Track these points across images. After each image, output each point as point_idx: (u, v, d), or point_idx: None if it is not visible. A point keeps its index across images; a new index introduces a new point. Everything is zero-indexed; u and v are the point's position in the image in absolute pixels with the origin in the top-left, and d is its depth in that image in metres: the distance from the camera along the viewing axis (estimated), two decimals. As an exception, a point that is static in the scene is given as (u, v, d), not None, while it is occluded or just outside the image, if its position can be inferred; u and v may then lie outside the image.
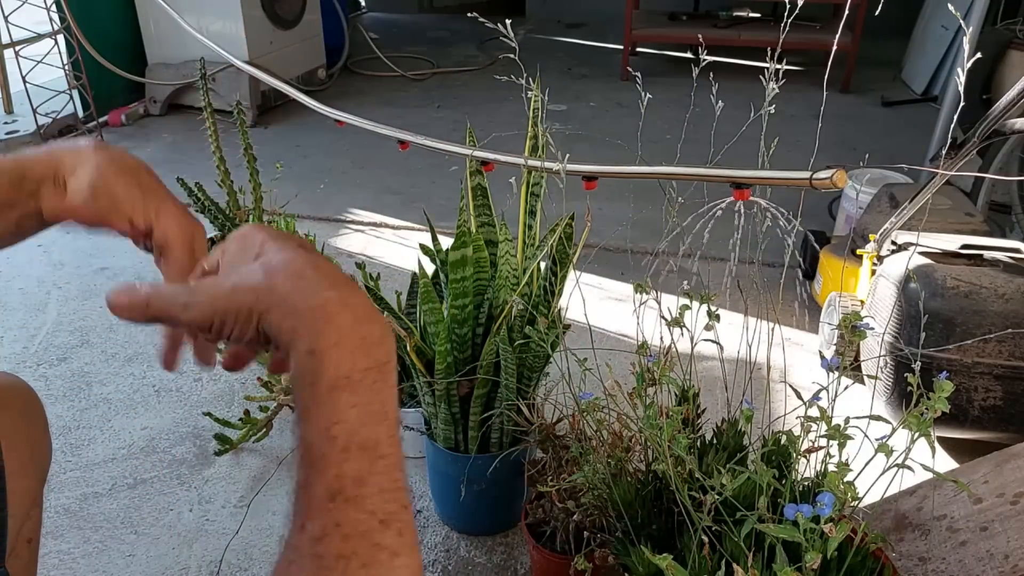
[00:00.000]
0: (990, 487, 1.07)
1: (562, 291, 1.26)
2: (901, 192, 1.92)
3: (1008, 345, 1.41)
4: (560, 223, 1.22)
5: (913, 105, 3.94)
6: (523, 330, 1.24)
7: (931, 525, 1.06)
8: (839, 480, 0.80)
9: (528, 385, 1.29)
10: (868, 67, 4.34)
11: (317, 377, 0.41)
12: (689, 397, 1.04)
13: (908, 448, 0.79)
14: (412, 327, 1.32)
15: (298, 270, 0.44)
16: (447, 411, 1.30)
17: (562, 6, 5.92)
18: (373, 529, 0.42)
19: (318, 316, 0.42)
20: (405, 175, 3.08)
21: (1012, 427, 1.46)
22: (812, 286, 2.13)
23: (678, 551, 0.87)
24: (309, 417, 0.42)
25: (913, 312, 1.47)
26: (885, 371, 1.53)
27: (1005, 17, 3.17)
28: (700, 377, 1.12)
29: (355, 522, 0.41)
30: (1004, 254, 1.54)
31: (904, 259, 1.58)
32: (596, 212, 1.31)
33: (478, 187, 1.26)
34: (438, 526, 1.47)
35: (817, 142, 0.87)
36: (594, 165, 0.81)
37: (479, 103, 3.98)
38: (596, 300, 2.18)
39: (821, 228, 2.31)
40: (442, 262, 1.35)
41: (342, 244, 2.59)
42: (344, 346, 0.42)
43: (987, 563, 0.98)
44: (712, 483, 0.81)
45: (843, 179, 0.65)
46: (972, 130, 1.36)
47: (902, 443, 0.80)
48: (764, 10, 4.59)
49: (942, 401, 0.77)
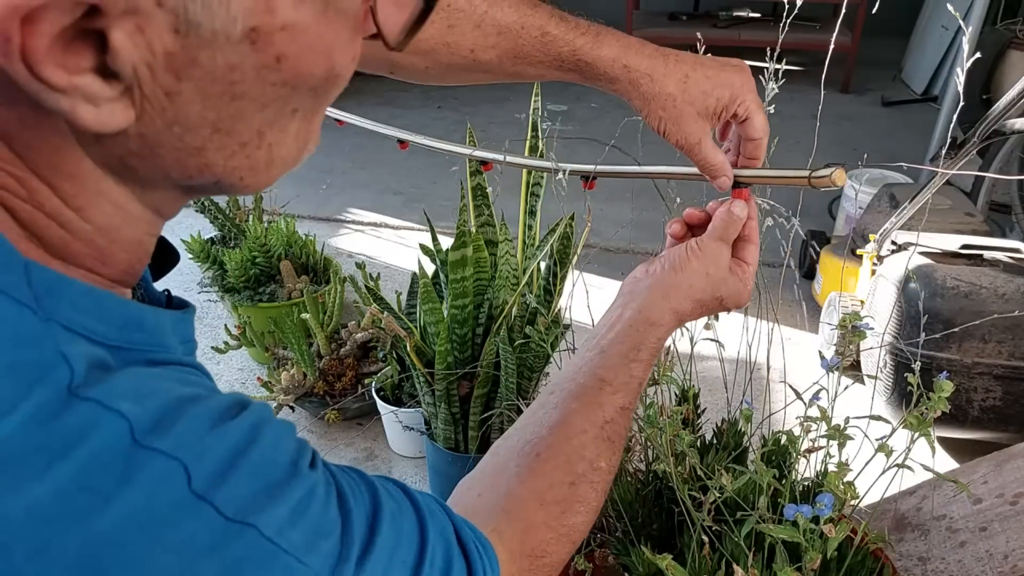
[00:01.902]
0: (990, 487, 1.07)
1: (562, 291, 1.26)
2: (901, 192, 1.92)
3: (1008, 345, 1.41)
4: (560, 223, 1.22)
5: (913, 105, 3.94)
6: (523, 330, 1.24)
7: (931, 525, 1.06)
8: (839, 480, 0.80)
9: (528, 385, 1.29)
10: (868, 67, 4.34)
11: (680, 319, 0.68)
12: (689, 397, 1.04)
13: (908, 448, 0.79)
14: (412, 327, 1.32)
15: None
16: (447, 411, 1.30)
17: (562, 6, 5.91)
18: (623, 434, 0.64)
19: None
20: (405, 175, 3.08)
21: (1012, 427, 1.46)
22: (812, 286, 2.13)
23: (678, 551, 0.87)
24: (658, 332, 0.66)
25: (913, 312, 1.47)
26: (885, 371, 1.53)
27: (1005, 17, 3.17)
28: (700, 377, 1.12)
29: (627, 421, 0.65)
30: (1004, 254, 1.54)
31: (904, 259, 1.58)
32: (596, 212, 1.31)
33: (478, 187, 1.26)
34: (438, 526, 1.47)
35: (816, 142, 0.87)
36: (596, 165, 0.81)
37: (479, 103, 3.98)
38: (596, 300, 2.18)
39: (821, 228, 2.31)
40: (442, 262, 1.35)
41: (342, 244, 2.59)
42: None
43: (987, 563, 0.98)
44: (712, 483, 0.81)
45: (842, 177, 0.65)
46: (972, 130, 1.36)
47: (902, 443, 0.80)
48: (764, 10, 4.59)
49: (942, 401, 0.77)
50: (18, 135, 0.32)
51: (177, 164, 0.35)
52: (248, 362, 1.95)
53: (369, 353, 1.74)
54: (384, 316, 1.30)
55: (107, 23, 0.29)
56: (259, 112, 0.34)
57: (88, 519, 0.29)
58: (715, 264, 0.68)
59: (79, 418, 0.30)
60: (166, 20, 0.29)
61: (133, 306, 0.37)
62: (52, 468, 0.29)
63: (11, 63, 0.28)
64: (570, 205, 1.23)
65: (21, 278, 0.31)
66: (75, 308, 0.32)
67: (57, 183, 0.33)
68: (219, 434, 0.34)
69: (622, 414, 0.62)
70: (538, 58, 0.66)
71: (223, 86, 0.32)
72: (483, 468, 0.61)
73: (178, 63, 0.31)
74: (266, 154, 0.37)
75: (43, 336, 0.30)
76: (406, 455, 1.64)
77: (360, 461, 1.64)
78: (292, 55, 0.33)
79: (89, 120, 0.30)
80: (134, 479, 0.30)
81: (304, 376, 1.65)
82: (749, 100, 0.66)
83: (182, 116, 0.32)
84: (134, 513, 0.30)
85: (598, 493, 0.59)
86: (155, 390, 0.33)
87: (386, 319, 1.29)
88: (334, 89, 0.37)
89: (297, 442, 0.38)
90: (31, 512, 0.28)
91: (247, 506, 0.33)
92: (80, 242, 0.35)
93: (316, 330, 1.69)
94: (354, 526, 0.39)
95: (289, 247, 1.97)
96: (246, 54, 0.32)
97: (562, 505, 0.57)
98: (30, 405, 0.29)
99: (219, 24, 0.30)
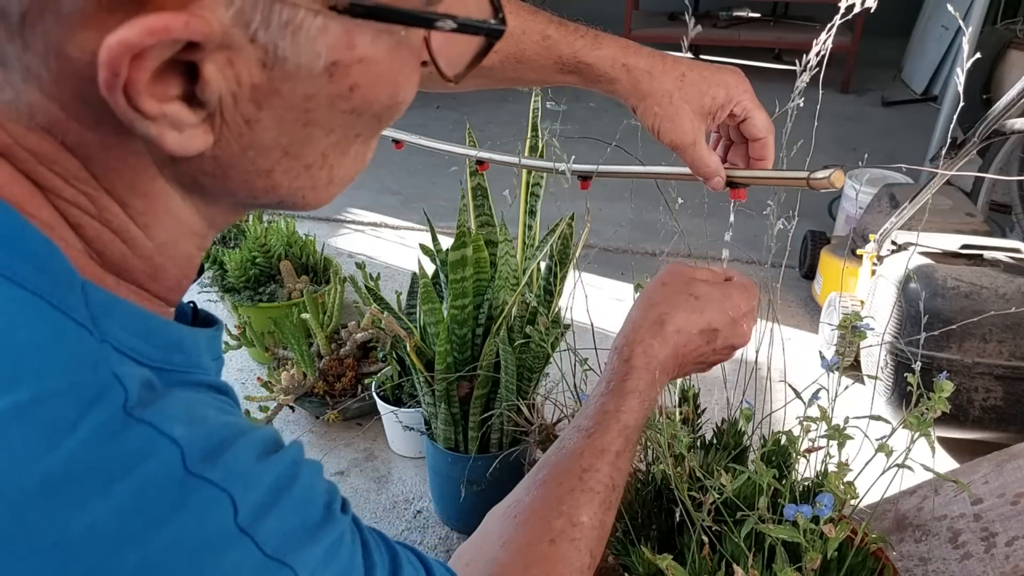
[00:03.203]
0: (990, 487, 1.07)
1: (562, 291, 1.26)
2: (901, 192, 1.92)
3: (1008, 345, 1.41)
4: (560, 223, 1.22)
5: (913, 105, 3.94)
6: (523, 330, 1.24)
7: (931, 525, 1.06)
8: (839, 480, 0.80)
9: (528, 385, 1.29)
10: (868, 67, 4.34)
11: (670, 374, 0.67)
12: (689, 397, 1.04)
13: (908, 448, 0.79)
14: (412, 327, 1.32)
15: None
16: (447, 411, 1.30)
17: (561, 6, 5.92)
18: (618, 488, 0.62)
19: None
20: (405, 175, 3.08)
21: (1012, 427, 1.46)
22: (812, 286, 2.13)
23: (678, 551, 0.87)
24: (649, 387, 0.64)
25: (913, 312, 1.47)
26: (885, 371, 1.53)
27: (1005, 17, 3.17)
28: (700, 377, 1.12)
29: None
30: (1004, 254, 1.54)
31: (904, 259, 1.58)
32: (596, 212, 1.31)
33: (478, 187, 1.26)
34: (438, 526, 1.47)
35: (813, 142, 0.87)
36: (592, 165, 0.81)
37: (478, 103, 3.98)
38: (596, 300, 2.18)
39: (821, 228, 2.30)
40: (442, 262, 1.35)
41: (342, 244, 2.59)
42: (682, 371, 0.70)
43: (987, 563, 0.98)
44: (712, 483, 0.81)
45: (841, 179, 0.65)
46: (972, 130, 1.36)
47: (902, 443, 0.80)
48: (764, 10, 4.59)
49: (942, 401, 0.77)
50: (97, 156, 0.33)
51: (245, 185, 0.36)
52: (248, 362, 1.95)
53: (369, 353, 1.74)
54: (384, 316, 1.30)
55: (201, 56, 0.30)
56: (325, 136, 0.36)
57: (143, 541, 0.30)
58: (668, 273, 0.69)
59: (136, 440, 0.30)
60: (256, 55, 0.31)
61: (175, 327, 0.38)
62: (112, 488, 0.29)
63: (113, 96, 0.29)
64: (570, 205, 1.23)
65: (80, 299, 0.32)
66: (124, 329, 0.33)
67: (130, 201, 0.35)
68: (264, 468, 0.35)
69: (601, 458, 0.59)
70: (539, 62, 0.67)
71: (298, 114, 0.34)
72: (473, 536, 0.60)
73: (261, 94, 0.33)
74: (327, 175, 0.38)
75: (99, 357, 0.31)
76: (406, 455, 1.64)
77: (360, 461, 1.64)
78: (364, 85, 0.35)
79: (172, 144, 0.32)
80: (187, 505, 0.31)
81: (304, 376, 1.65)
82: (745, 100, 0.67)
83: (257, 141, 0.34)
84: (184, 540, 0.31)
85: (582, 552, 0.55)
86: (203, 417, 0.34)
87: (386, 319, 1.29)
88: (396, 115, 0.39)
89: (328, 483, 0.39)
90: (91, 531, 0.29)
91: (286, 544, 0.34)
92: (139, 259, 0.37)
93: (316, 330, 1.69)
94: (378, 574, 0.39)
95: (289, 247, 1.97)
96: (323, 85, 0.34)
97: (545, 566, 0.54)
98: (90, 424, 0.29)
99: (304, 59, 0.32)
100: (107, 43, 0.28)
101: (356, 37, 0.33)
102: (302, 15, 0.31)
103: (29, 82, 0.30)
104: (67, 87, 0.30)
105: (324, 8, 0.31)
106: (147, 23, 0.28)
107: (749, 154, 0.71)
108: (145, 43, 0.28)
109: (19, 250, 0.31)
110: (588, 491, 0.57)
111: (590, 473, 0.58)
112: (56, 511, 0.28)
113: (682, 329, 0.65)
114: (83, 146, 0.32)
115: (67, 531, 0.28)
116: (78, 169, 0.33)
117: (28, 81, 0.30)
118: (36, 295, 0.31)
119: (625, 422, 0.61)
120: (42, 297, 0.31)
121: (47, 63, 0.30)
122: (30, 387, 0.29)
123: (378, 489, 1.57)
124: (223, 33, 0.30)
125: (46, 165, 0.33)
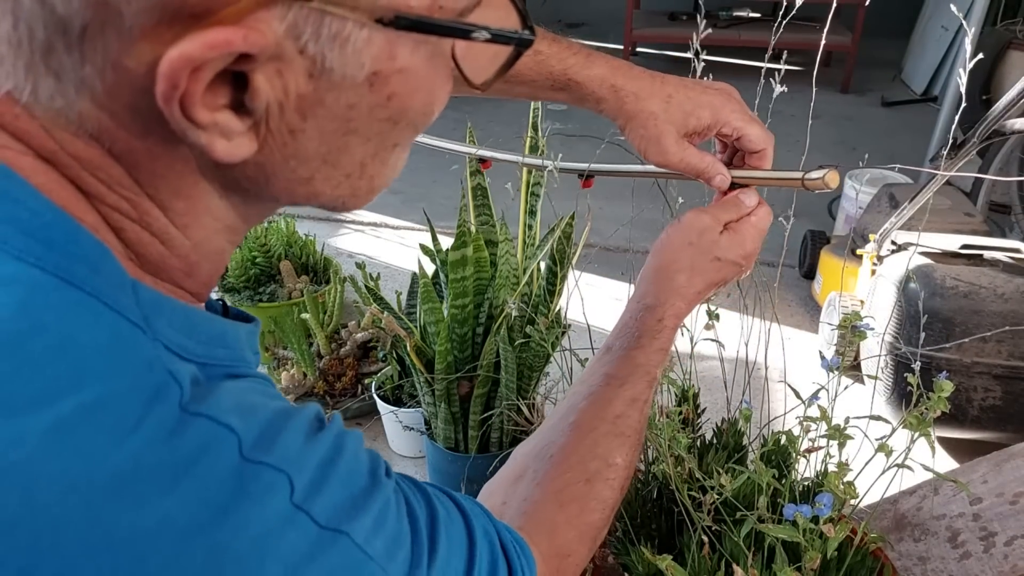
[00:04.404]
0: (990, 487, 1.07)
1: (562, 291, 1.26)
2: (901, 192, 1.92)
3: (1007, 345, 1.41)
4: (560, 223, 1.22)
5: (913, 105, 3.94)
6: (523, 330, 1.24)
7: (931, 525, 1.06)
8: (839, 480, 0.80)
9: (528, 384, 1.29)
10: (868, 67, 4.34)
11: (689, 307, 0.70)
12: (689, 397, 1.04)
13: (908, 448, 0.79)
14: (412, 327, 1.32)
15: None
16: (447, 411, 1.30)
17: (562, 5, 5.92)
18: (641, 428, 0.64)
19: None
20: (405, 174, 3.04)
21: (1011, 427, 1.46)
22: (812, 286, 2.13)
23: (678, 551, 0.87)
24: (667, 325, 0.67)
25: (913, 312, 1.47)
26: (885, 371, 1.53)
27: (1005, 17, 3.17)
28: (700, 377, 1.12)
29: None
30: (1004, 254, 1.54)
31: (904, 259, 1.58)
32: (596, 212, 1.31)
33: (478, 187, 1.26)
34: (438, 526, 1.47)
35: (808, 141, 0.88)
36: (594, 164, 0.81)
37: (479, 102, 3.98)
38: (596, 300, 2.18)
39: (821, 228, 2.31)
40: (442, 262, 1.35)
41: (342, 244, 2.59)
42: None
43: (986, 562, 0.98)
44: (712, 483, 0.81)
45: (835, 179, 0.65)
46: (972, 130, 1.36)
47: (902, 443, 0.80)
48: (764, 10, 4.59)
49: (942, 401, 0.77)
50: (143, 163, 0.34)
51: (286, 191, 0.38)
52: (248, 362, 1.95)
53: (369, 353, 1.74)
54: (384, 316, 1.30)
55: (253, 67, 0.31)
56: (363, 145, 0.37)
57: (211, 531, 0.31)
58: (695, 231, 0.69)
59: (197, 434, 0.32)
60: (304, 66, 0.32)
61: (218, 322, 0.39)
62: (179, 482, 0.31)
63: (170, 107, 0.30)
64: (570, 204, 1.23)
65: (131, 299, 0.33)
66: (171, 326, 0.34)
67: (172, 204, 0.36)
68: (313, 446, 0.36)
69: (632, 406, 0.63)
70: (530, 76, 0.68)
71: (340, 123, 0.35)
72: (504, 475, 0.63)
73: (306, 103, 0.34)
74: (367, 184, 0.40)
75: (154, 356, 0.32)
76: (406, 455, 1.64)
77: (360, 461, 1.64)
78: (402, 94, 0.36)
79: (221, 152, 0.33)
80: (249, 492, 0.32)
81: (304, 376, 1.65)
82: (734, 120, 0.67)
83: (300, 150, 0.35)
84: (249, 525, 0.32)
85: (614, 491, 0.60)
86: (253, 405, 0.35)
87: (386, 319, 1.29)
88: (428, 122, 0.40)
89: (370, 452, 0.41)
90: (163, 524, 0.30)
91: (339, 515, 0.35)
92: (177, 258, 0.37)
93: (316, 330, 1.69)
94: (422, 534, 0.41)
95: (289, 247, 1.97)
96: (364, 94, 0.35)
97: (580, 504, 0.58)
98: (152, 422, 0.31)
99: (349, 70, 0.33)
100: (168, 56, 0.29)
101: (397, 48, 0.34)
102: (349, 27, 0.32)
103: (82, 92, 0.31)
104: (120, 98, 0.31)
105: (370, 21, 0.32)
106: (208, 38, 0.29)
107: (749, 163, 0.72)
108: (206, 57, 0.29)
109: (74, 253, 0.32)
110: (620, 435, 0.62)
111: (622, 419, 0.62)
112: (128, 506, 0.29)
113: (703, 290, 0.70)
114: (129, 153, 0.33)
115: (139, 525, 0.29)
116: (122, 175, 0.34)
117: (81, 91, 0.31)
118: (93, 296, 0.32)
119: (652, 375, 0.66)
120: (99, 299, 0.32)
121: (103, 75, 0.30)
122: (94, 388, 0.30)
123: (378, 488, 1.57)
124: (276, 44, 0.31)
125: (90, 171, 0.33)
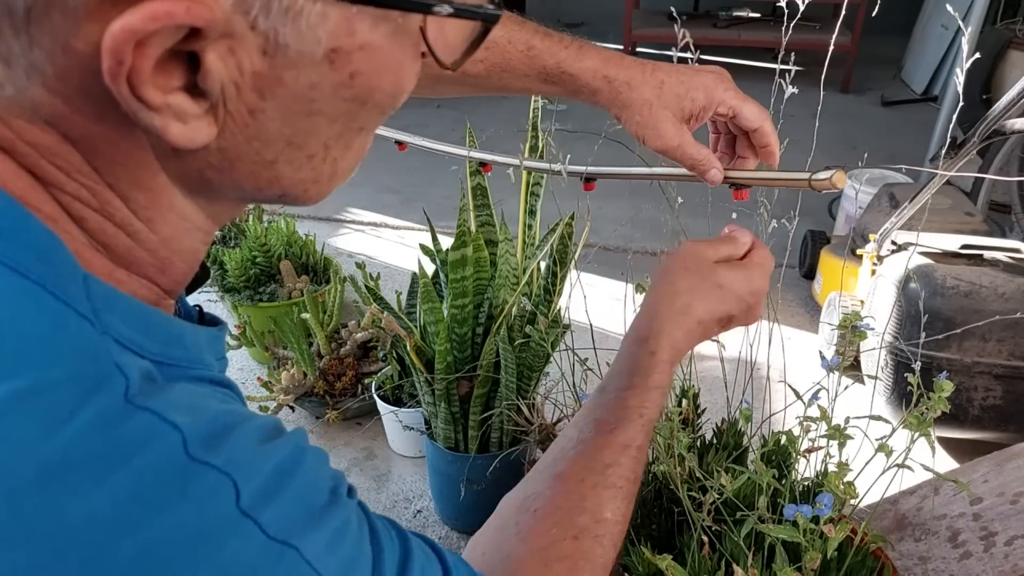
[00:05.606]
0: (990, 487, 1.07)
1: (562, 291, 1.26)
2: (901, 192, 1.92)
3: (1008, 345, 1.41)
4: (560, 223, 1.22)
5: (913, 105, 3.94)
6: (523, 330, 1.24)
7: (931, 525, 1.06)
8: (839, 480, 0.80)
9: (528, 384, 1.29)
10: (868, 67, 4.34)
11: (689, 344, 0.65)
12: (689, 397, 1.04)
13: (908, 448, 0.79)
14: (412, 327, 1.32)
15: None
16: (447, 411, 1.30)
17: (562, 5, 5.92)
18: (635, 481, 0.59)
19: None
20: (404, 174, 3.08)
21: (1012, 427, 1.46)
22: (812, 286, 2.13)
23: (678, 551, 0.87)
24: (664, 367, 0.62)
25: (913, 312, 1.47)
26: (885, 371, 1.53)
27: (1005, 17, 3.17)
28: (700, 377, 1.12)
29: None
30: (1004, 254, 1.54)
31: (904, 259, 1.58)
32: (596, 212, 1.31)
33: (478, 187, 1.26)
34: (438, 526, 1.48)
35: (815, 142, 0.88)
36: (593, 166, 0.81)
37: (478, 102, 3.98)
38: (596, 300, 2.18)
39: (821, 228, 2.31)
40: (442, 262, 1.35)
41: (342, 244, 2.59)
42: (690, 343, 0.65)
43: (987, 563, 0.98)
44: (712, 483, 0.81)
45: (842, 180, 0.65)
46: (972, 130, 1.36)
47: (902, 443, 0.80)
48: (764, 10, 4.59)
49: (942, 401, 0.77)
50: (101, 150, 0.33)
51: (250, 176, 0.37)
52: (248, 362, 1.95)
53: (369, 353, 1.74)
54: (384, 316, 1.30)
55: (203, 45, 0.30)
56: (328, 127, 0.37)
57: (141, 529, 0.29)
58: (691, 256, 0.65)
59: (137, 427, 0.30)
60: (256, 42, 0.31)
61: (176, 323, 0.38)
62: (111, 476, 0.29)
63: (117, 84, 0.30)
64: (570, 204, 1.23)
65: (81, 290, 0.32)
66: (125, 322, 0.34)
67: (132, 195, 0.35)
68: (266, 453, 0.34)
69: (624, 453, 0.58)
70: (524, 71, 0.68)
71: (303, 103, 0.34)
72: (488, 525, 0.59)
73: (264, 82, 0.33)
74: (330, 167, 0.39)
75: (100, 347, 0.31)
76: (406, 455, 1.64)
77: (360, 461, 1.64)
78: (366, 72, 0.35)
79: (176, 136, 0.32)
80: (188, 493, 0.31)
81: (304, 376, 1.65)
82: (728, 98, 0.68)
83: (263, 131, 0.35)
84: (184, 526, 0.30)
85: (605, 548, 0.55)
86: (204, 407, 0.34)
87: (386, 319, 1.29)
88: (396, 105, 0.39)
89: (333, 470, 0.39)
90: (89, 519, 0.29)
91: (290, 527, 0.33)
92: (145, 251, 0.37)
93: (316, 330, 1.69)
94: (385, 565, 0.39)
95: (289, 247, 1.97)
96: (325, 73, 0.34)
97: (567, 563, 0.54)
98: (89, 413, 0.29)
99: (305, 46, 0.32)
100: (110, 30, 0.29)
101: (356, 24, 0.33)
102: (302, 2, 0.31)
103: (33, 78, 0.31)
104: (71, 81, 0.31)
105: None
106: (149, 9, 0.28)
107: (752, 143, 0.71)
108: (148, 28, 0.29)
109: (22, 240, 0.31)
110: (611, 487, 0.56)
111: (613, 468, 0.57)
112: (52, 500, 0.28)
113: (704, 320, 0.64)
114: (86, 139, 0.33)
115: (63, 520, 0.28)
116: (80, 163, 0.33)
117: (32, 77, 0.31)
118: (38, 285, 0.31)
119: (648, 417, 0.60)
120: (44, 287, 0.31)
121: (52, 58, 0.30)
122: (30, 375, 0.29)
123: (378, 488, 1.57)
124: (224, 20, 0.30)
125: (48, 159, 0.33)
